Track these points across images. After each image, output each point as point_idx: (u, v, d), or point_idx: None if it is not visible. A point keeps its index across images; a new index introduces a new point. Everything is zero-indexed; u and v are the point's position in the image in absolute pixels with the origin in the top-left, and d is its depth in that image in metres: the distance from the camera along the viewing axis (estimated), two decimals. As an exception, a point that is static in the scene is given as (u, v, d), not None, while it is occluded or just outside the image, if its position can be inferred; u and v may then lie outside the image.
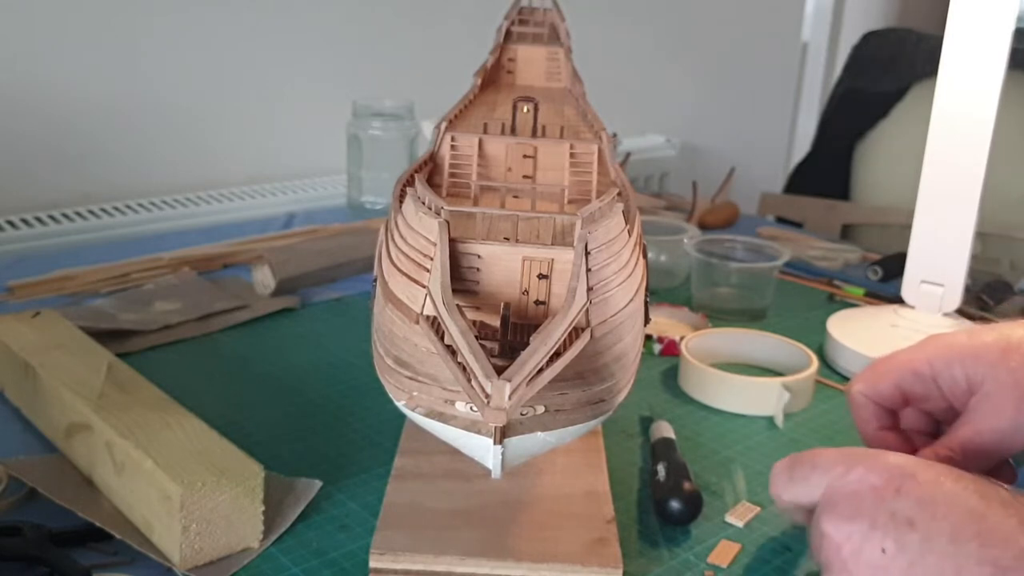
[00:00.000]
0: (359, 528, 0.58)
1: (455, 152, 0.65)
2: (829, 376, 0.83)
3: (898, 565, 0.44)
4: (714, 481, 0.65)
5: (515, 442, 0.44)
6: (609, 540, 0.55)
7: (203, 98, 1.31)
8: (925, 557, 0.43)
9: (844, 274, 1.10)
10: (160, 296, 0.91)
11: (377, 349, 0.51)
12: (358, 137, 1.25)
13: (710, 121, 2.00)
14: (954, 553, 0.43)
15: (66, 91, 1.19)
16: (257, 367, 0.80)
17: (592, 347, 0.46)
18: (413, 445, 0.63)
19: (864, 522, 0.45)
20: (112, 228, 1.16)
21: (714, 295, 0.96)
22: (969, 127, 0.82)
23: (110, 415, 0.59)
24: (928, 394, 0.59)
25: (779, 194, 1.75)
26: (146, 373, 0.66)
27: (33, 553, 0.52)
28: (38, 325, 0.73)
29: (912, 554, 0.43)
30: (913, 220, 0.87)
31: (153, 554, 0.53)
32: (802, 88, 2.38)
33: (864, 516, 0.45)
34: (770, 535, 0.59)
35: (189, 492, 0.51)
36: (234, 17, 1.30)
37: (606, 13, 1.72)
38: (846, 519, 0.46)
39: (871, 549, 0.44)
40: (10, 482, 0.59)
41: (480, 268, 0.48)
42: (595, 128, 0.70)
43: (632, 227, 0.55)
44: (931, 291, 0.86)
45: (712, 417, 0.75)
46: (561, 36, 0.93)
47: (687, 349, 0.80)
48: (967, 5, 0.81)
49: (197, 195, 1.27)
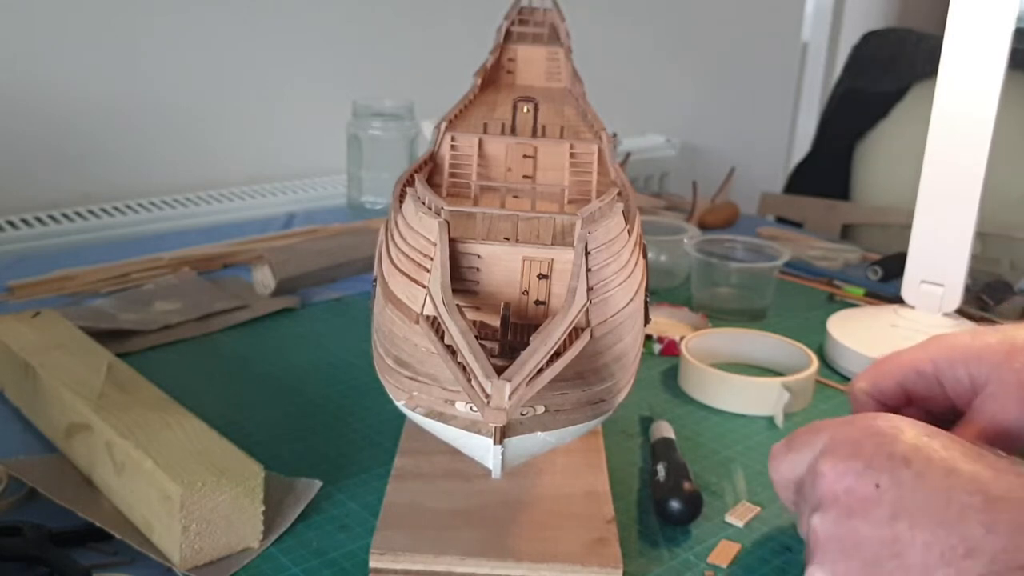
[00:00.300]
0: (359, 528, 0.58)
1: (455, 152, 0.65)
2: (829, 376, 0.83)
3: (889, 498, 0.45)
4: (714, 481, 0.65)
5: (515, 442, 0.44)
6: (609, 540, 0.55)
7: (203, 98, 1.31)
8: (917, 490, 0.44)
9: (844, 274, 1.10)
10: (160, 296, 0.91)
11: (377, 349, 0.51)
12: (358, 137, 1.25)
13: (710, 121, 2.00)
14: (947, 485, 0.44)
15: (66, 91, 1.19)
16: (257, 367, 0.80)
17: (592, 347, 0.46)
18: (413, 445, 0.63)
19: (861, 461, 0.46)
20: (112, 228, 1.16)
21: (714, 295, 0.96)
22: (969, 127, 0.82)
23: (110, 415, 0.59)
24: (931, 393, 0.60)
25: (779, 194, 1.75)
26: (146, 373, 0.66)
27: (33, 553, 0.52)
28: (38, 325, 0.73)
29: (905, 487, 0.44)
30: (913, 220, 0.87)
31: (153, 554, 0.53)
32: (802, 88, 2.38)
33: (862, 456, 0.46)
34: (770, 535, 0.60)
35: (189, 492, 0.51)
36: (234, 17, 1.30)
37: (606, 13, 1.72)
38: (843, 458, 0.47)
39: (865, 485, 0.46)
40: (10, 482, 0.59)
41: (480, 268, 0.48)
42: (595, 128, 0.70)
43: (632, 227, 0.55)
44: (931, 291, 0.86)
45: (712, 417, 0.75)
46: (561, 36, 0.93)
47: (687, 349, 0.80)
48: (967, 5, 0.81)
49: (197, 195, 1.27)
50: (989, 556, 0.41)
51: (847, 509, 0.46)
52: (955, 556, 0.42)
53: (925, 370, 0.59)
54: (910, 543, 0.43)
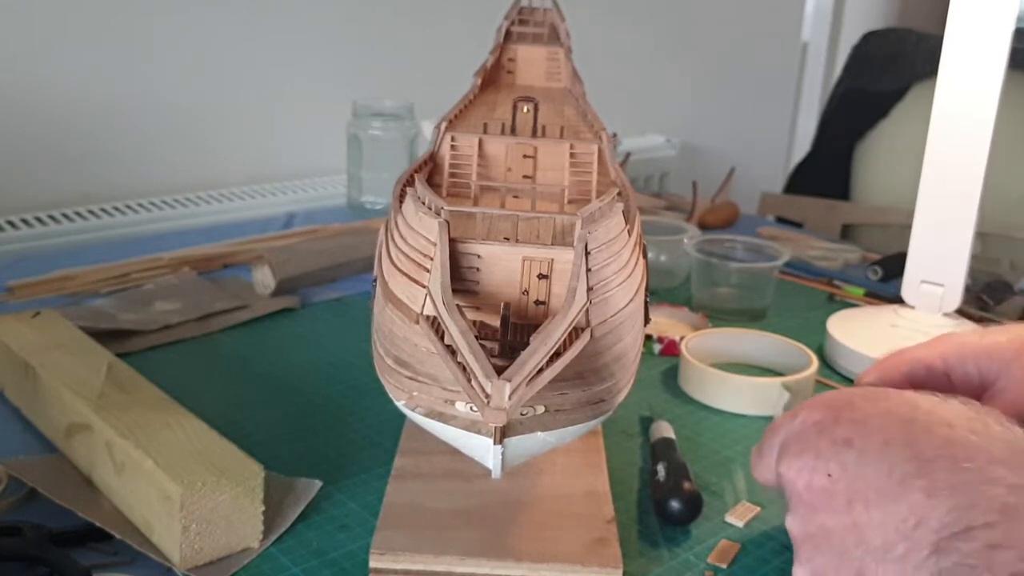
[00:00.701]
0: (359, 528, 0.58)
1: (455, 152, 0.65)
2: (829, 376, 0.83)
3: (842, 485, 0.45)
4: (714, 481, 0.65)
5: (515, 442, 0.44)
6: (609, 540, 0.55)
7: (203, 98, 1.31)
8: (863, 469, 0.44)
9: (844, 274, 1.10)
10: (160, 296, 0.91)
11: (377, 349, 0.51)
12: (358, 137, 1.25)
13: (710, 121, 2.00)
14: (886, 457, 0.44)
15: (66, 91, 1.19)
16: (257, 367, 0.80)
17: (592, 347, 0.46)
18: (413, 445, 0.63)
19: (810, 455, 0.47)
20: (112, 228, 1.16)
21: (714, 295, 0.96)
22: (969, 127, 0.82)
23: (110, 415, 0.59)
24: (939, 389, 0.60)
25: (779, 194, 1.75)
26: (146, 373, 0.66)
27: (33, 553, 0.52)
28: (38, 325, 0.73)
29: (852, 470, 0.45)
30: (913, 220, 0.87)
31: (153, 554, 0.53)
32: (802, 88, 2.38)
33: (809, 450, 0.47)
34: (770, 535, 0.60)
35: (189, 492, 0.51)
36: (234, 17, 1.30)
37: (606, 13, 1.72)
38: (795, 456, 0.48)
39: (819, 477, 0.46)
40: (10, 482, 0.59)
41: (480, 268, 0.48)
42: (595, 128, 0.70)
43: (632, 227, 0.55)
44: (931, 291, 0.86)
45: (712, 417, 0.75)
46: (561, 36, 0.93)
47: (687, 349, 0.80)
48: (967, 5, 0.81)
49: (197, 195, 1.27)
50: (936, 523, 0.41)
51: (810, 505, 0.46)
52: (907, 528, 0.42)
53: (934, 365, 0.60)
54: (867, 524, 0.43)
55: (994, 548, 0.39)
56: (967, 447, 0.42)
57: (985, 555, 0.39)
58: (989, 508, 0.40)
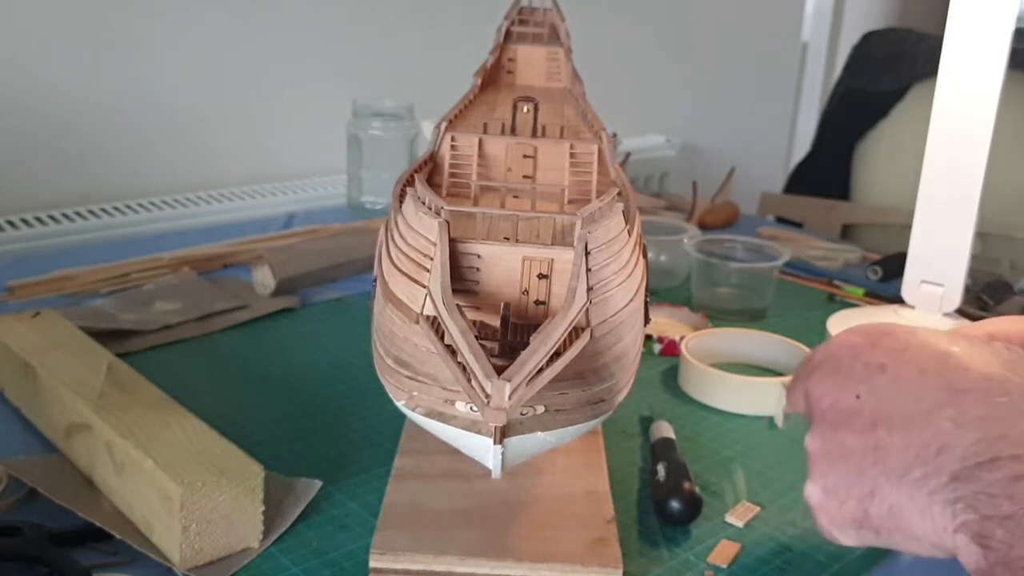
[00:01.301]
0: (359, 528, 0.58)
1: (455, 152, 0.65)
2: (829, 376, 0.83)
3: (869, 406, 0.46)
4: (714, 481, 0.65)
5: (515, 442, 0.44)
6: (609, 540, 0.55)
7: (203, 98, 1.30)
8: (893, 394, 0.45)
9: (844, 274, 1.10)
10: (160, 296, 0.91)
11: (377, 349, 0.51)
12: (358, 137, 1.25)
13: (710, 121, 2.00)
14: (919, 385, 0.44)
15: (66, 91, 1.19)
16: (257, 367, 0.80)
17: (592, 347, 0.46)
18: (413, 445, 0.63)
19: (841, 375, 0.48)
20: (112, 228, 1.15)
21: (714, 295, 0.96)
22: (969, 127, 0.82)
23: (110, 415, 0.59)
24: None
25: (779, 194, 1.75)
26: (146, 373, 0.66)
27: (33, 553, 0.52)
28: (38, 325, 0.73)
29: (881, 393, 0.45)
30: (913, 220, 0.87)
31: (153, 554, 0.53)
32: (802, 88, 2.38)
33: (842, 370, 0.48)
34: (770, 535, 0.60)
35: (189, 492, 0.51)
36: (234, 17, 1.30)
37: (606, 13, 1.72)
38: (825, 375, 0.49)
39: (847, 397, 0.47)
40: (10, 482, 0.59)
41: (480, 268, 0.48)
42: (595, 128, 0.70)
43: (632, 227, 0.55)
44: (931, 291, 0.86)
45: (712, 417, 0.75)
46: (561, 36, 0.93)
47: (687, 349, 0.80)
48: (967, 5, 0.81)
49: (197, 195, 1.27)
50: (961, 451, 0.41)
51: (833, 423, 0.47)
52: (929, 454, 0.42)
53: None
54: (889, 447, 0.44)
55: (1020, 479, 0.39)
56: (1004, 383, 0.43)
57: (1008, 485, 0.40)
58: (1019, 441, 0.40)
